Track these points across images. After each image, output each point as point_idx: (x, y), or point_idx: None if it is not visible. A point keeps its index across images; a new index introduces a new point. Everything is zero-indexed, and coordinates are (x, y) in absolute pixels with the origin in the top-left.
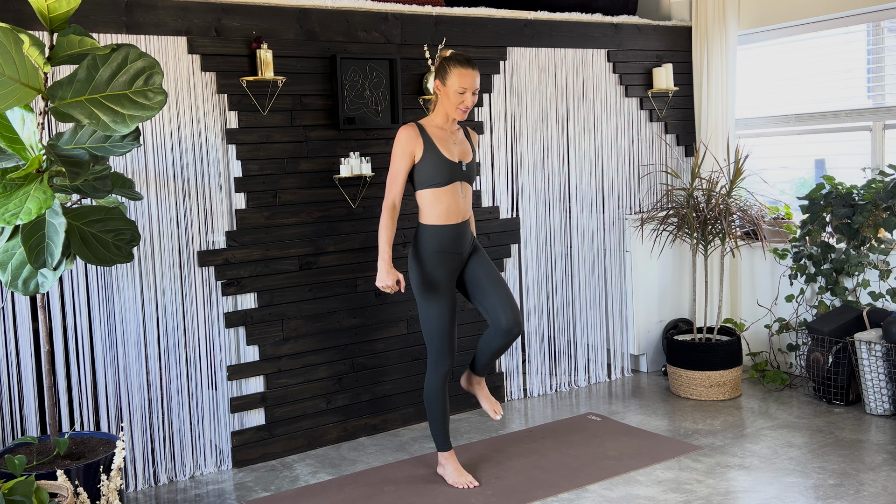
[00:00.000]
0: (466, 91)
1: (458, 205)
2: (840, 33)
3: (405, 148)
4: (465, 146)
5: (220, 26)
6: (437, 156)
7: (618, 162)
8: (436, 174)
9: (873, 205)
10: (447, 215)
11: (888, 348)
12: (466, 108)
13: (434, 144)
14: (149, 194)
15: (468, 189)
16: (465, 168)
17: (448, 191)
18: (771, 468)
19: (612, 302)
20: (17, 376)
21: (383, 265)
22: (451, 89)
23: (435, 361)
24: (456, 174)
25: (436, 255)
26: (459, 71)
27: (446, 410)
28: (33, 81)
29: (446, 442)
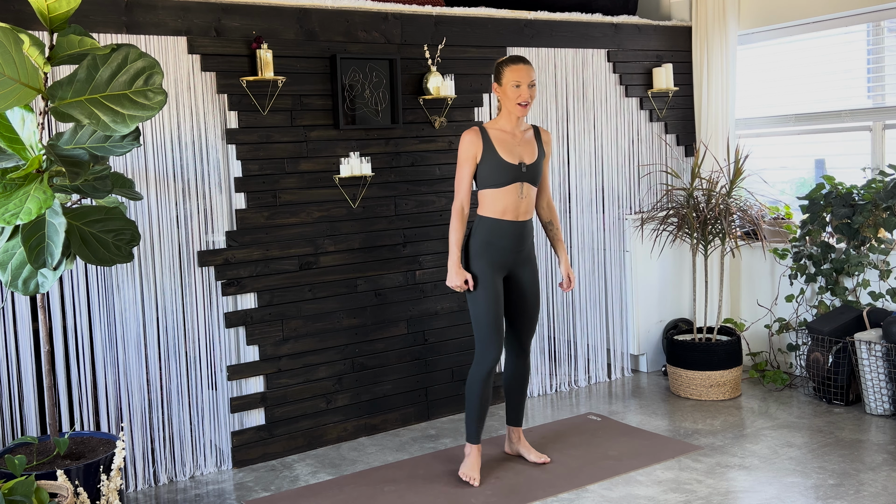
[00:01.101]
0: (521, 84)
1: (517, 205)
2: (840, 33)
3: (467, 152)
4: (530, 147)
5: (220, 26)
6: (495, 158)
7: (618, 162)
8: (495, 176)
9: (873, 205)
10: (504, 212)
11: (888, 348)
12: (526, 102)
13: (493, 147)
14: (149, 194)
15: (530, 189)
16: (525, 170)
17: (507, 191)
18: (771, 468)
19: (612, 302)
20: (17, 376)
21: (452, 266)
22: (507, 86)
23: (480, 352)
24: (516, 176)
25: (485, 245)
26: (511, 67)
27: (485, 405)
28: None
29: (477, 435)
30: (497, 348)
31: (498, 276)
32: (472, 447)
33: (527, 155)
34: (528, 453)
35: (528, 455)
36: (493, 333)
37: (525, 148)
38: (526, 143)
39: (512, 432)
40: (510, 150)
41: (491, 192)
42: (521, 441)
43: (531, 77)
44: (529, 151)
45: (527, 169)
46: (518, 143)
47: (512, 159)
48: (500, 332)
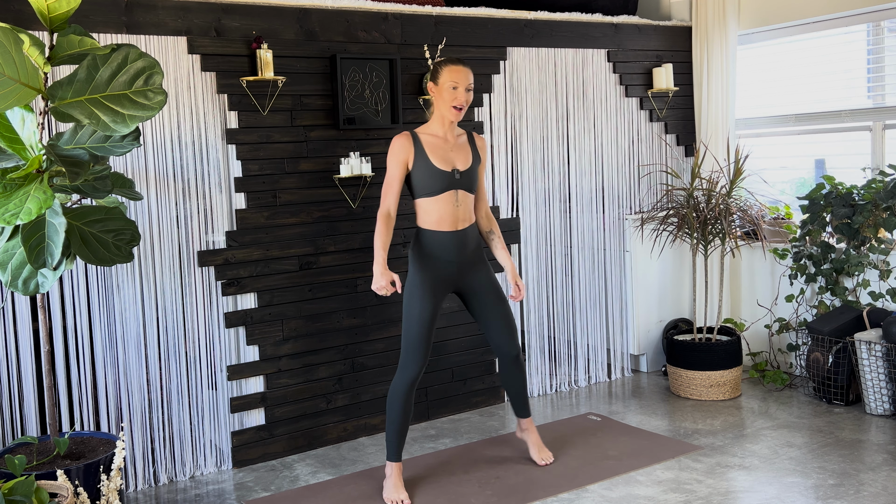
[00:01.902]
0: (458, 86)
1: (453, 213)
2: (840, 33)
3: (397, 157)
4: (463, 153)
5: (220, 26)
6: (427, 164)
7: (618, 162)
8: (428, 183)
9: (873, 205)
10: (440, 222)
11: (888, 348)
12: (460, 106)
13: (425, 153)
14: (149, 194)
15: (466, 196)
16: (458, 176)
17: (442, 199)
18: (771, 468)
19: (612, 302)
20: (17, 376)
21: (378, 268)
22: (444, 87)
23: (403, 363)
24: (449, 183)
25: (426, 259)
26: (450, 68)
27: (405, 419)
28: (33, 81)
29: (397, 452)
30: (419, 364)
31: (439, 292)
32: (392, 466)
33: (460, 161)
34: (533, 449)
35: (532, 451)
36: (419, 348)
37: (458, 154)
38: (459, 148)
39: (521, 422)
40: (443, 156)
41: (425, 202)
42: (527, 432)
43: (469, 80)
44: (463, 157)
45: (460, 175)
46: (451, 149)
47: (444, 166)
48: (425, 347)
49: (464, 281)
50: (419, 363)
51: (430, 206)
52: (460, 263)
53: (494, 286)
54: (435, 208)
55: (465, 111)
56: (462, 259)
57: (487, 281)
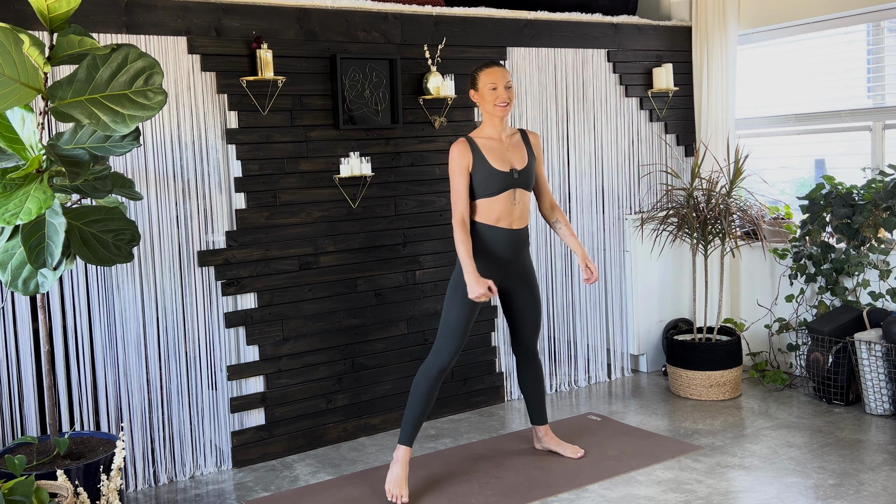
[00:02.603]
0: (498, 85)
1: (510, 211)
2: (840, 33)
3: (459, 164)
4: (519, 152)
5: (220, 26)
6: (486, 167)
7: (618, 162)
8: (487, 185)
9: (873, 205)
10: (498, 220)
11: (888, 348)
12: (504, 103)
13: (483, 156)
14: (149, 194)
15: (524, 195)
16: (517, 175)
17: (501, 199)
18: (771, 468)
19: (612, 302)
20: (17, 376)
21: (471, 277)
22: (484, 89)
23: (437, 349)
24: (508, 183)
25: (479, 252)
26: (485, 71)
27: (426, 406)
28: (33, 81)
29: (410, 437)
30: (452, 352)
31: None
32: (402, 450)
33: (517, 160)
34: (561, 448)
35: (562, 451)
36: (455, 337)
37: (514, 153)
38: (514, 148)
39: (538, 430)
40: (500, 157)
41: (485, 202)
42: (548, 437)
43: (507, 78)
44: (519, 156)
45: (518, 175)
46: (507, 149)
47: (503, 167)
48: (461, 337)
49: (508, 280)
50: (453, 351)
51: (490, 205)
52: (510, 262)
53: (535, 291)
54: (494, 207)
55: (511, 107)
56: (512, 258)
57: (530, 292)
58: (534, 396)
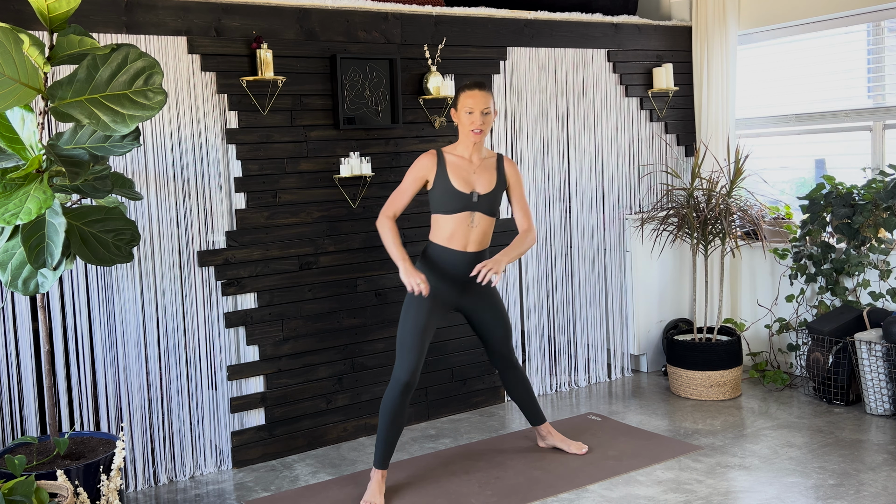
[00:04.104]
0: (473, 111)
1: (465, 233)
2: (840, 33)
3: (417, 173)
4: (487, 176)
5: (220, 26)
6: (446, 184)
7: (618, 162)
8: (444, 202)
9: (873, 205)
10: (450, 240)
11: (888, 348)
12: (479, 129)
13: (447, 173)
14: (149, 194)
15: (484, 219)
16: (476, 199)
17: (456, 219)
18: (771, 468)
19: (612, 302)
20: (17, 376)
21: (401, 266)
22: (461, 112)
23: (396, 369)
24: (465, 204)
25: (431, 271)
26: (466, 93)
27: (395, 428)
28: (33, 81)
29: (382, 460)
30: (409, 371)
31: (438, 305)
32: (376, 472)
33: (481, 184)
34: (565, 445)
35: (566, 447)
36: (408, 355)
37: (480, 176)
38: (483, 171)
39: (539, 430)
40: (464, 177)
41: (440, 218)
42: (552, 435)
43: (485, 104)
44: (486, 180)
45: (479, 199)
46: (474, 171)
47: (463, 188)
48: (416, 355)
49: (467, 301)
50: (410, 369)
51: (445, 222)
52: (465, 283)
53: (496, 305)
54: (448, 225)
55: (485, 133)
56: (467, 281)
57: (490, 303)
58: (524, 401)
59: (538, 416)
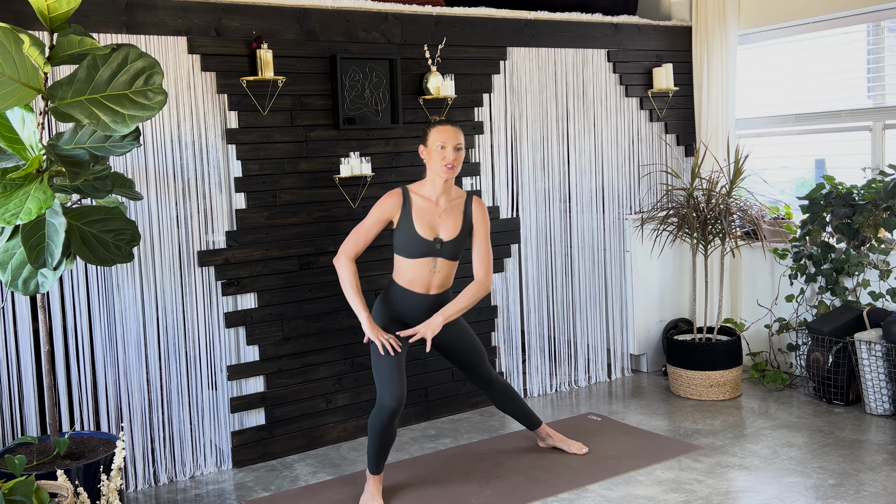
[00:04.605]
0: (446, 145)
1: (427, 278)
2: (840, 33)
3: (381, 214)
4: (452, 220)
5: (220, 26)
6: (409, 229)
7: (618, 162)
8: (407, 245)
9: (873, 205)
10: (411, 283)
11: (888, 348)
12: (451, 165)
13: (411, 217)
14: (149, 194)
15: (446, 264)
16: (439, 247)
17: (418, 263)
18: (771, 468)
19: (612, 302)
20: (17, 376)
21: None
22: (432, 147)
23: (380, 398)
24: (428, 251)
25: (392, 310)
26: (437, 128)
27: (385, 444)
28: (33, 81)
29: (377, 466)
30: (396, 399)
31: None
32: (371, 477)
33: (446, 230)
34: (565, 445)
35: (566, 447)
36: (394, 381)
37: (446, 221)
38: (449, 215)
39: (538, 433)
40: (428, 223)
41: (402, 260)
42: (551, 436)
43: (457, 140)
44: (451, 226)
45: (442, 246)
46: (439, 215)
47: (427, 234)
48: (399, 380)
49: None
50: (395, 398)
51: (406, 265)
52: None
53: (462, 332)
54: (410, 269)
55: (457, 170)
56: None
57: (456, 331)
58: (515, 411)
59: (533, 420)
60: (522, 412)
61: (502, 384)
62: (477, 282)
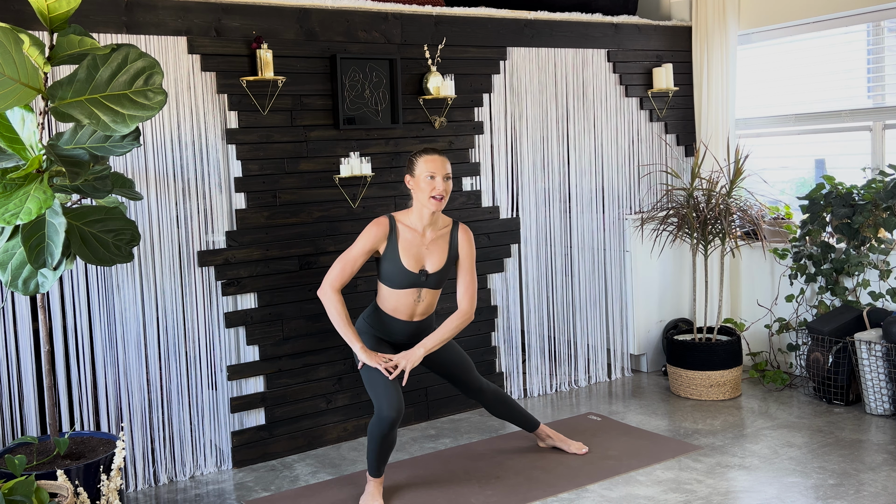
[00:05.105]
0: (436, 175)
1: (411, 307)
2: (840, 33)
3: (367, 244)
4: (439, 252)
5: (220, 26)
6: (395, 261)
7: (618, 162)
8: (391, 276)
9: (873, 205)
10: (395, 311)
11: (888, 348)
12: (440, 195)
13: (397, 249)
14: (149, 194)
15: (430, 293)
16: (424, 279)
17: (402, 294)
18: (771, 468)
19: (612, 302)
20: (17, 376)
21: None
22: (421, 177)
23: (378, 409)
24: (413, 282)
25: (376, 332)
26: (425, 158)
27: (385, 451)
28: (33, 81)
29: (377, 469)
30: (394, 409)
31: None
32: (371, 480)
33: (432, 261)
34: (565, 445)
35: (566, 447)
36: (390, 392)
37: (432, 252)
38: (435, 246)
39: (537, 434)
40: (415, 254)
41: (386, 290)
42: (550, 436)
43: (446, 169)
44: (437, 258)
45: (427, 278)
46: (425, 246)
47: (413, 266)
48: (395, 391)
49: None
50: (393, 407)
51: (390, 294)
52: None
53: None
54: (393, 297)
55: (445, 201)
56: (415, 342)
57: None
58: (511, 415)
59: (530, 422)
60: (519, 416)
61: (493, 390)
62: (461, 312)
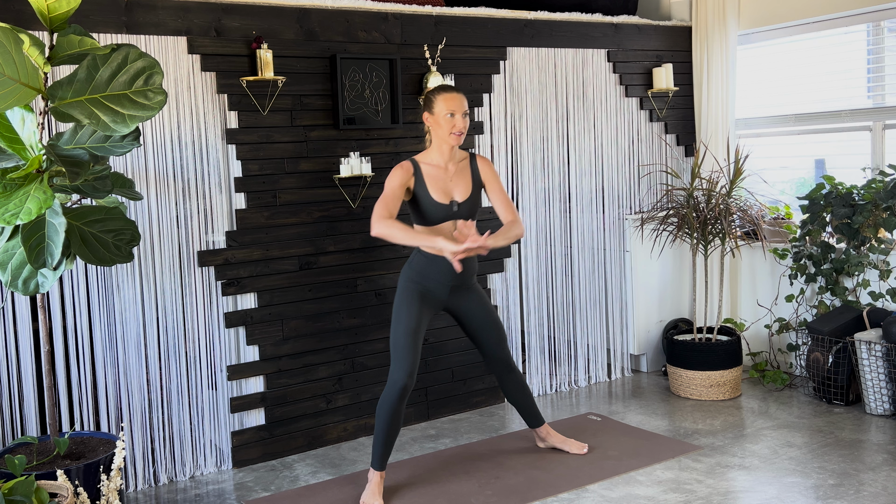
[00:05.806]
0: (455, 113)
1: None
2: (840, 33)
3: (399, 180)
4: (463, 182)
5: (220, 26)
6: (426, 197)
7: (618, 162)
8: (425, 214)
9: (873, 205)
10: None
11: (888, 348)
12: (460, 132)
13: (425, 185)
14: (149, 194)
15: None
16: (457, 208)
17: (439, 229)
18: (771, 468)
19: (612, 302)
20: (17, 376)
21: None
22: (440, 115)
23: (392, 372)
24: (447, 215)
25: (419, 275)
26: (444, 96)
27: (393, 430)
28: (33, 81)
29: (381, 461)
30: (405, 372)
31: (427, 306)
32: (374, 473)
33: (459, 191)
34: (565, 445)
35: (567, 447)
36: (405, 357)
37: (457, 183)
38: (459, 177)
39: (538, 432)
40: (442, 188)
41: (423, 229)
42: (551, 436)
43: (465, 106)
44: (463, 187)
45: (458, 207)
46: (450, 179)
47: (442, 198)
48: (411, 357)
49: (454, 302)
50: (405, 371)
51: (427, 233)
52: (453, 287)
53: (485, 305)
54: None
55: (464, 136)
56: (456, 283)
57: (478, 303)
58: (523, 405)
59: (537, 418)
60: (530, 408)
61: (520, 375)
62: (510, 222)
